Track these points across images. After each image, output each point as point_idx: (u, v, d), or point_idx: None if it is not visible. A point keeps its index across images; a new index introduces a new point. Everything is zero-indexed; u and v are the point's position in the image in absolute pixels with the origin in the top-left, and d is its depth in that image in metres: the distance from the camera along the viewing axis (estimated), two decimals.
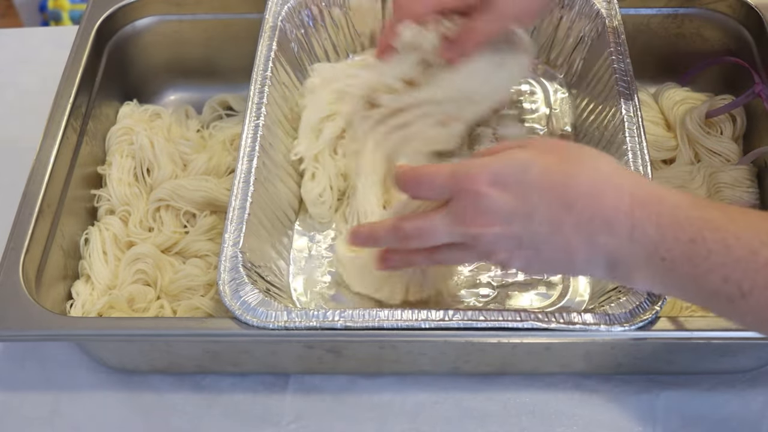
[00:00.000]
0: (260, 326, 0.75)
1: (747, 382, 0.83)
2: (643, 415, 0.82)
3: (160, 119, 1.04)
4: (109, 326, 0.79)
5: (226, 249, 0.79)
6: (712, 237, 0.60)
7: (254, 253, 0.81)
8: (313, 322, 0.75)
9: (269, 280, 0.82)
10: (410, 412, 0.83)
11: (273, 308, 0.76)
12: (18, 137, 1.06)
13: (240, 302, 0.76)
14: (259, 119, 0.88)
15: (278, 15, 0.98)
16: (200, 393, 0.85)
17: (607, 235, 0.63)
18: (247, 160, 0.85)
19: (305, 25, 1.00)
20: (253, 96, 0.90)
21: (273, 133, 0.90)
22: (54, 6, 2.06)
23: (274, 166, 0.89)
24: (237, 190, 0.83)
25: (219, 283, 0.77)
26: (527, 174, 0.64)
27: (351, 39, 1.04)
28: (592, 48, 0.97)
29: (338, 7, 1.02)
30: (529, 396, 0.84)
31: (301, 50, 1.01)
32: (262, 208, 0.85)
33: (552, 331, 0.73)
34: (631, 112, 0.86)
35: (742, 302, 0.59)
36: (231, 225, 0.81)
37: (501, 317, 0.74)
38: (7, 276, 0.80)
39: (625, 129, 0.85)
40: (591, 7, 0.97)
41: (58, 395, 0.86)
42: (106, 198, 0.97)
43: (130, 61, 1.07)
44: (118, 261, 0.92)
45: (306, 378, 0.85)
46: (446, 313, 0.74)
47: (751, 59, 0.98)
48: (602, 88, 0.93)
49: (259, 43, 0.95)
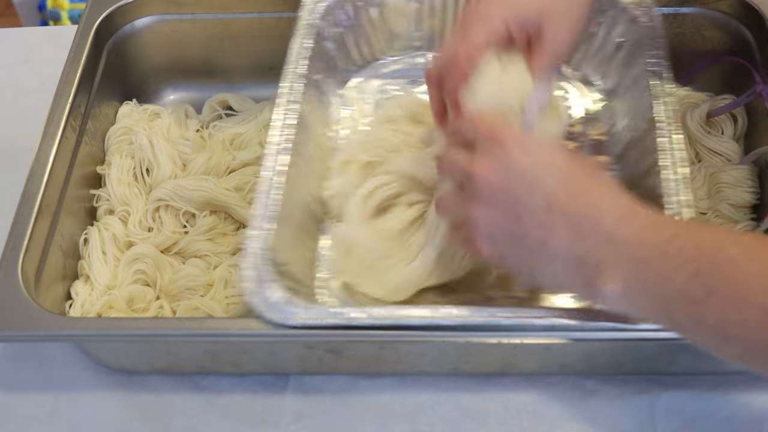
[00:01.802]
0: (284, 324, 0.74)
1: (748, 382, 0.83)
2: (643, 416, 0.82)
3: (160, 119, 1.04)
4: (108, 326, 0.79)
5: (251, 245, 0.78)
6: (685, 236, 0.63)
7: (280, 251, 0.80)
8: (336, 320, 0.74)
9: (294, 278, 0.81)
10: (410, 413, 0.83)
11: (297, 306, 0.75)
12: (17, 137, 1.06)
13: (264, 300, 0.75)
14: (288, 115, 0.88)
15: (314, 12, 0.97)
16: (200, 393, 0.85)
17: (584, 234, 0.65)
18: (276, 156, 0.85)
19: (341, 23, 1.00)
20: (283, 92, 0.89)
21: (302, 131, 0.89)
22: (53, 5, 2.06)
23: (303, 163, 0.88)
24: (264, 187, 0.82)
25: (243, 280, 0.76)
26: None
27: (387, 39, 1.04)
28: (629, 53, 0.96)
29: (376, 7, 1.01)
30: (529, 396, 0.83)
31: (336, 49, 1.00)
32: (288, 204, 0.84)
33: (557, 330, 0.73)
34: (666, 115, 0.85)
35: (706, 301, 0.60)
36: (258, 221, 0.80)
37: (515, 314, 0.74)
38: (6, 276, 0.80)
39: (660, 133, 0.84)
40: (628, 12, 0.96)
41: (57, 395, 0.85)
42: (105, 198, 0.97)
43: (129, 60, 1.07)
44: (117, 261, 0.92)
45: (306, 378, 0.85)
46: (466, 310, 0.74)
47: (752, 59, 0.98)
48: (640, 93, 0.91)
49: (292, 40, 0.94)
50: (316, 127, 0.94)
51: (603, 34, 0.99)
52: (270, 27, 1.07)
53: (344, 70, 1.03)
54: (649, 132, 0.86)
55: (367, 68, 1.05)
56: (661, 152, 0.83)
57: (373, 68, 1.05)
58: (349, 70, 1.04)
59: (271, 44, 1.08)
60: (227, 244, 0.94)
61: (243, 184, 0.97)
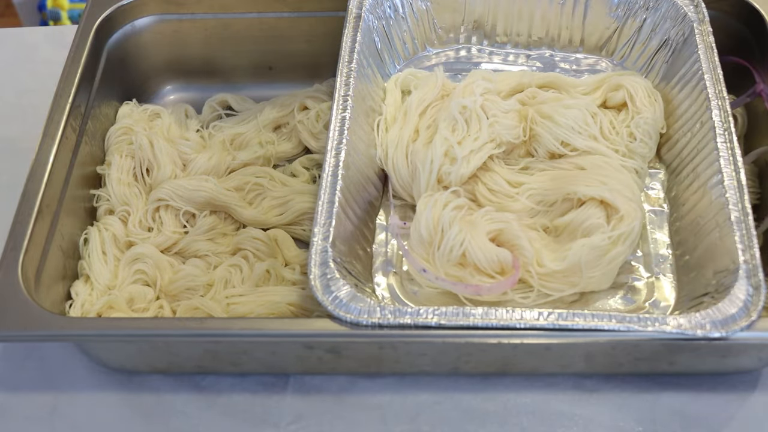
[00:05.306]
0: (354, 322, 0.74)
1: (749, 383, 0.83)
2: (643, 416, 0.82)
3: (160, 119, 1.04)
4: (108, 326, 0.79)
5: (316, 243, 0.78)
6: None
7: (341, 247, 0.81)
8: (406, 320, 0.74)
9: (354, 275, 0.81)
10: (410, 413, 0.83)
11: (366, 304, 0.75)
12: (17, 137, 1.06)
13: (332, 297, 0.75)
14: (345, 112, 0.88)
15: (362, 6, 0.97)
16: (200, 393, 0.85)
17: None
18: (335, 153, 0.85)
19: (387, 16, 1.00)
20: (339, 88, 0.89)
21: (358, 126, 0.89)
22: (53, 5, 2.05)
23: (359, 159, 0.88)
24: (326, 184, 0.82)
25: (310, 278, 0.76)
26: None
27: (431, 31, 1.04)
28: (677, 51, 0.96)
29: (424, 0, 1.02)
30: (529, 396, 0.83)
31: (382, 42, 1.00)
32: (348, 201, 0.84)
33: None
34: (722, 117, 0.85)
35: None
36: (321, 218, 0.80)
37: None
38: (7, 276, 0.80)
39: (716, 135, 0.84)
40: (677, 10, 0.96)
41: (58, 395, 0.85)
42: (105, 198, 0.96)
43: (129, 60, 1.07)
44: (117, 261, 0.92)
45: (306, 378, 0.85)
46: (541, 314, 0.74)
47: (752, 59, 0.98)
48: (690, 92, 0.91)
49: (343, 34, 0.94)
50: (368, 121, 0.94)
51: (648, 30, 0.99)
52: (270, 27, 1.07)
53: (389, 63, 1.03)
54: (706, 135, 0.87)
55: (412, 60, 1.05)
56: (717, 153, 0.83)
57: (416, 60, 1.05)
58: (393, 63, 1.04)
59: (271, 44, 1.09)
60: (227, 244, 0.95)
61: (243, 184, 0.97)
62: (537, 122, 0.90)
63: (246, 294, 0.88)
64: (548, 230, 0.86)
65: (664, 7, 0.98)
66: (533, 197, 0.87)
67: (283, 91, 1.08)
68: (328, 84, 1.07)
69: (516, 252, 0.81)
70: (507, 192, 0.88)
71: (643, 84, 0.94)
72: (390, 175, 0.91)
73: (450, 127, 0.88)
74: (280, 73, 1.11)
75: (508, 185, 0.88)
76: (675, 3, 0.97)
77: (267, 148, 1.02)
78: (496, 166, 0.90)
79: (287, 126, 1.05)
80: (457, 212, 0.83)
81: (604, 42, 1.03)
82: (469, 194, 0.89)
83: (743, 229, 0.78)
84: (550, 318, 0.74)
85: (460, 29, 1.04)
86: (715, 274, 0.79)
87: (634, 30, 1.00)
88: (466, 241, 0.80)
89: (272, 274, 0.91)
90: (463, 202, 0.85)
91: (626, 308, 0.84)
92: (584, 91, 0.96)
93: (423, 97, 0.94)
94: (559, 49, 1.04)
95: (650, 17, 0.99)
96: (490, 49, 1.05)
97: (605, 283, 0.83)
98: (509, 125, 0.90)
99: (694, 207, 0.86)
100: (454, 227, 0.81)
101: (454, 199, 0.84)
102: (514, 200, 0.87)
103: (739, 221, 0.79)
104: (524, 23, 1.03)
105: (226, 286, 0.90)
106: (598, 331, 0.73)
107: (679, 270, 0.86)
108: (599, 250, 0.80)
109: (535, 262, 0.81)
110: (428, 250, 0.82)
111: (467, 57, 1.05)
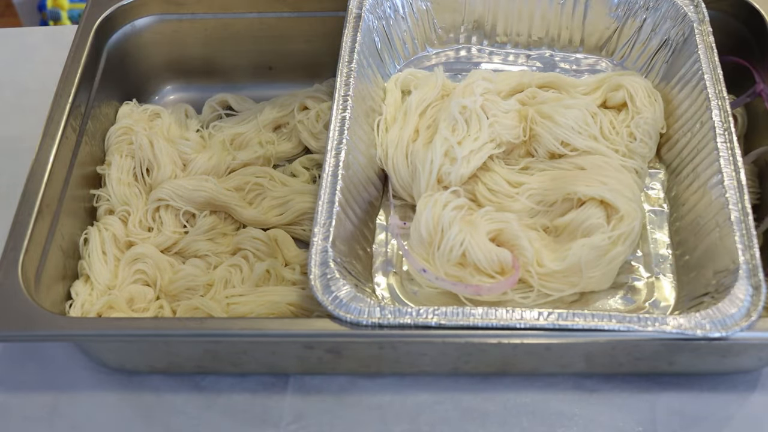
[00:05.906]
0: (354, 322, 0.74)
1: (749, 383, 0.83)
2: (643, 416, 0.82)
3: (160, 119, 1.04)
4: (108, 326, 0.79)
5: (316, 243, 0.78)
6: None
7: (341, 247, 0.81)
8: (406, 320, 0.74)
9: (354, 275, 0.81)
10: (410, 413, 0.83)
11: (366, 304, 0.75)
12: (17, 137, 1.06)
13: (332, 297, 0.75)
14: (345, 112, 0.88)
15: (362, 6, 0.97)
16: (200, 393, 0.85)
17: None
18: (335, 153, 0.85)
19: (387, 16, 1.00)
20: (339, 88, 0.89)
21: (358, 126, 0.89)
22: (53, 5, 2.05)
23: (359, 159, 0.89)
24: (326, 184, 0.83)
25: (310, 278, 0.76)
26: None
27: (431, 31, 1.04)
28: (677, 51, 0.96)
29: (425, 0, 1.02)
30: (529, 396, 0.83)
31: (382, 42, 1.00)
32: (348, 201, 0.84)
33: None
34: (722, 117, 0.85)
35: None
36: (321, 218, 0.80)
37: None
38: (7, 276, 0.80)
39: (716, 135, 0.84)
40: (677, 10, 0.96)
41: (58, 396, 0.85)
42: (105, 198, 0.96)
43: (129, 60, 1.07)
44: (117, 261, 0.92)
45: (306, 378, 0.85)
46: (541, 314, 0.74)
47: (752, 59, 0.98)
48: (690, 92, 0.91)
49: (343, 34, 0.94)
50: (368, 121, 0.94)
51: (648, 30, 0.99)
52: (270, 27, 1.07)
53: (389, 63, 1.03)
54: (706, 135, 0.87)
55: (411, 60, 1.05)
56: (717, 153, 0.83)
57: (416, 60, 1.05)
58: (393, 63, 1.04)
59: (271, 44, 1.09)
60: (227, 244, 0.95)
61: (243, 184, 0.97)
62: (537, 122, 0.90)
63: (246, 294, 0.88)
64: (548, 230, 0.86)
65: (664, 7, 0.98)
66: (533, 197, 0.87)
67: (283, 91, 1.08)
68: (328, 84, 1.07)
69: (516, 252, 0.81)
70: (507, 192, 0.88)
71: (643, 84, 0.94)
72: (390, 175, 0.92)
73: (450, 127, 0.88)
74: (280, 73, 1.11)
75: (508, 185, 0.88)
76: (675, 3, 0.97)
77: (267, 148, 1.02)
78: (496, 166, 0.90)
79: (287, 126, 1.05)
80: (457, 212, 0.83)
81: (604, 42, 1.03)
82: (469, 194, 0.89)
83: (743, 229, 0.78)
84: (550, 318, 0.74)
85: (460, 29, 1.05)
86: (715, 274, 0.79)
87: (634, 30, 1.00)
88: (466, 241, 0.80)
89: (272, 274, 0.91)
90: (463, 202, 0.85)
91: (626, 308, 0.84)
92: (584, 91, 0.96)
93: (423, 97, 0.94)
94: (559, 49, 1.04)
95: (650, 17, 0.99)
96: (490, 49, 1.05)
97: (605, 283, 0.83)
98: (509, 125, 0.90)
99: (694, 207, 0.86)
100: (454, 227, 0.81)
101: (454, 199, 0.84)
102: (514, 200, 0.87)
103: (739, 221, 0.79)
104: (524, 23, 1.03)
105: (226, 286, 0.90)
106: (598, 331, 0.73)
107: (679, 270, 0.86)
108: (599, 250, 0.80)
109: (535, 262, 0.81)
110: (428, 250, 0.82)
111: (467, 57, 1.05)
